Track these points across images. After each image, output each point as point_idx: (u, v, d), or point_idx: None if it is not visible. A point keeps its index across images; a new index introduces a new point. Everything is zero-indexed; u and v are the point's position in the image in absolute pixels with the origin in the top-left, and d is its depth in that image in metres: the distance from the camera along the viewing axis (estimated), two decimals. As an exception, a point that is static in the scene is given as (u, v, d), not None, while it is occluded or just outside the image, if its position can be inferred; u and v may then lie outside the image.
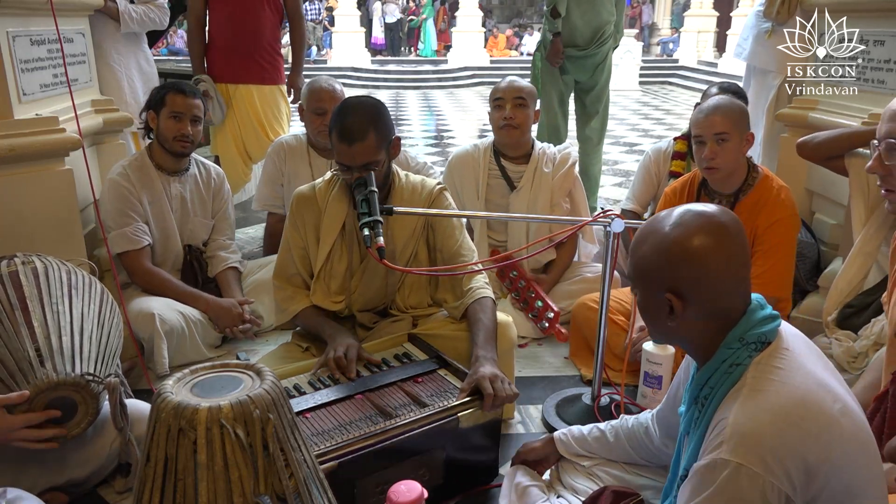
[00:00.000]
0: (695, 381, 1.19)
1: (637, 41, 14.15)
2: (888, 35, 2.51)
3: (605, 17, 3.82)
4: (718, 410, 1.11)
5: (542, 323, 2.58)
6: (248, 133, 3.50)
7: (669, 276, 1.13)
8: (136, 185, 2.48)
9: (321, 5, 17.20)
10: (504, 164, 2.77)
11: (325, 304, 2.01)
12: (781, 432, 1.02)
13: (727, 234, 1.11)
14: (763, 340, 1.12)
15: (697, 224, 1.12)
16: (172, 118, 2.45)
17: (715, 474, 1.04)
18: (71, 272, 1.77)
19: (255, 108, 3.48)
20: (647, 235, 1.18)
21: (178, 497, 0.96)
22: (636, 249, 1.19)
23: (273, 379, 1.04)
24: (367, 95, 2.00)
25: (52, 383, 1.50)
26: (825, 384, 1.09)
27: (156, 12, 3.29)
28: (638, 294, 1.21)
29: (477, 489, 1.76)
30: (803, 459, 1.01)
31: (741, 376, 1.10)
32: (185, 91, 2.48)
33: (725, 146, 2.10)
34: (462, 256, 2.01)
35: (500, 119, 2.66)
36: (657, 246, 1.14)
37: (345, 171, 1.86)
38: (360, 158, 1.80)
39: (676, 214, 1.16)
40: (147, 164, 2.54)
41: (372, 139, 1.80)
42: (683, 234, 1.12)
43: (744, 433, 1.03)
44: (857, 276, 2.16)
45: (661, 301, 1.14)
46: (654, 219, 1.20)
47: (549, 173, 2.73)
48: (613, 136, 7.77)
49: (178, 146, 2.48)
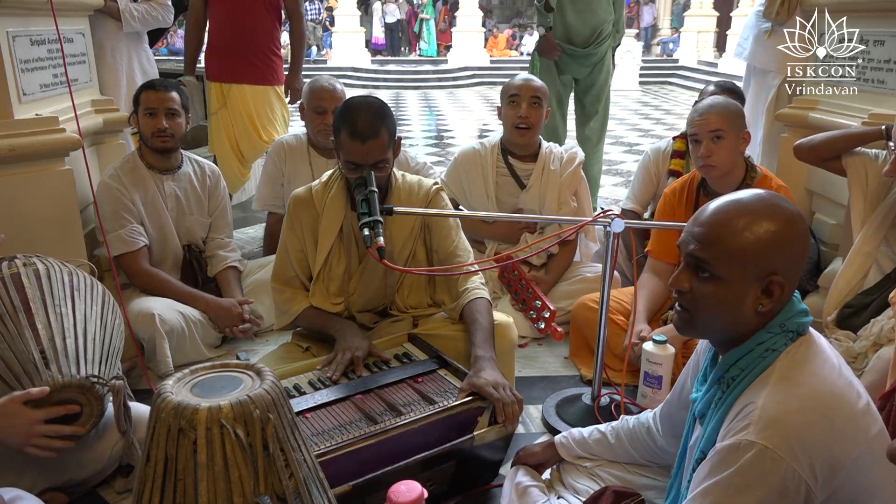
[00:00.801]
0: (722, 362, 1.18)
1: (637, 41, 14.15)
2: (888, 35, 2.51)
3: (602, 15, 3.80)
4: (744, 395, 1.11)
5: (539, 322, 2.58)
6: (241, 133, 3.50)
7: (777, 259, 1.11)
8: (128, 186, 2.48)
9: (321, 5, 17.21)
10: (512, 162, 2.76)
11: (324, 306, 2.01)
12: (810, 421, 1.03)
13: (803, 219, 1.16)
14: (800, 331, 1.14)
15: (787, 206, 1.14)
16: (147, 115, 2.45)
17: (738, 455, 1.04)
18: (72, 273, 1.77)
19: (248, 109, 3.48)
20: (737, 220, 1.12)
21: (178, 497, 0.96)
22: (724, 237, 1.12)
23: (273, 379, 1.04)
24: (370, 95, 2.00)
25: (57, 385, 1.49)
26: (850, 382, 1.11)
27: (158, 10, 3.28)
28: (726, 281, 1.12)
29: (477, 489, 1.76)
30: (829, 451, 1.02)
31: (772, 363, 1.11)
32: (156, 87, 2.48)
33: (721, 143, 2.11)
34: (458, 257, 2.01)
35: (514, 118, 2.63)
36: (763, 229, 1.11)
37: (354, 169, 1.82)
38: (372, 156, 1.79)
39: (758, 198, 1.14)
40: (138, 164, 2.54)
41: (384, 137, 1.79)
42: (785, 217, 1.12)
43: (773, 417, 1.04)
44: (856, 276, 2.16)
45: (758, 286, 1.12)
46: (732, 204, 1.15)
47: (557, 172, 2.73)
48: (613, 136, 7.77)
49: (158, 142, 2.48)
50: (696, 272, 1.15)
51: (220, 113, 3.45)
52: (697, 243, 1.14)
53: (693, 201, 2.30)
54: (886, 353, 1.86)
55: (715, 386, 1.20)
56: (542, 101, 2.65)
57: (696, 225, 1.17)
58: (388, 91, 13.24)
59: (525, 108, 2.61)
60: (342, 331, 1.91)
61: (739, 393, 1.13)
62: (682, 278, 1.17)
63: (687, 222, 1.20)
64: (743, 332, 1.16)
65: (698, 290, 1.15)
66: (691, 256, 1.15)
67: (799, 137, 2.86)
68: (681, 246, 1.19)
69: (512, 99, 2.64)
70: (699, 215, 1.18)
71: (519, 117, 2.62)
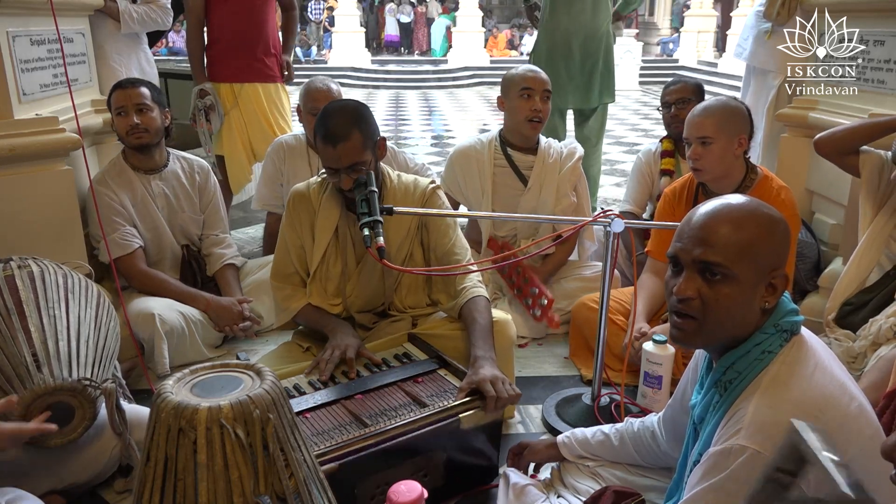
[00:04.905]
0: (718, 365, 1.18)
1: (637, 41, 14.15)
2: (888, 35, 2.51)
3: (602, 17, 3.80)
4: (740, 398, 1.12)
5: (535, 310, 2.57)
6: (255, 131, 3.48)
7: (780, 252, 1.13)
8: (116, 190, 2.48)
9: (322, 5, 17.24)
10: (511, 153, 2.74)
11: (323, 306, 2.01)
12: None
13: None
14: (793, 330, 1.14)
15: (770, 208, 1.17)
16: (119, 115, 2.46)
17: (730, 460, 1.04)
18: (67, 275, 1.76)
19: (261, 106, 3.47)
20: (738, 217, 1.13)
21: (178, 497, 0.96)
22: (730, 235, 1.12)
23: (273, 379, 1.04)
24: (351, 98, 2.00)
25: (49, 388, 1.49)
26: (842, 384, 1.11)
27: (157, 12, 3.27)
28: (739, 280, 1.11)
29: (477, 489, 1.76)
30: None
31: (767, 366, 1.12)
32: (123, 85, 2.48)
33: (709, 149, 2.10)
34: (455, 255, 2.00)
35: (528, 110, 2.60)
36: (767, 226, 1.12)
37: (332, 174, 1.85)
38: (345, 159, 1.79)
39: (745, 199, 1.17)
40: (124, 166, 2.54)
41: (356, 139, 1.79)
42: (777, 213, 1.15)
43: (763, 421, 1.04)
44: (861, 275, 2.16)
45: (763, 283, 1.13)
46: (724, 206, 1.15)
47: (557, 166, 2.72)
48: (613, 136, 7.77)
49: (134, 139, 2.47)
50: (704, 276, 1.13)
51: (232, 113, 3.42)
52: (704, 247, 1.13)
53: (693, 201, 2.30)
54: (886, 353, 1.86)
55: (712, 390, 1.20)
56: (552, 94, 2.65)
57: (695, 230, 1.15)
58: (388, 91, 13.24)
59: (539, 102, 2.60)
60: (334, 329, 1.91)
61: (736, 396, 1.13)
62: (688, 286, 1.14)
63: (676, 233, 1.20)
64: (743, 334, 1.16)
65: (709, 294, 1.13)
66: (698, 262, 1.13)
67: (799, 137, 2.88)
68: (679, 255, 1.17)
69: (526, 92, 2.59)
70: (692, 223, 1.16)
71: (533, 111, 2.59)
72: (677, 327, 1.18)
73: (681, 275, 1.16)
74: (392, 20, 17.99)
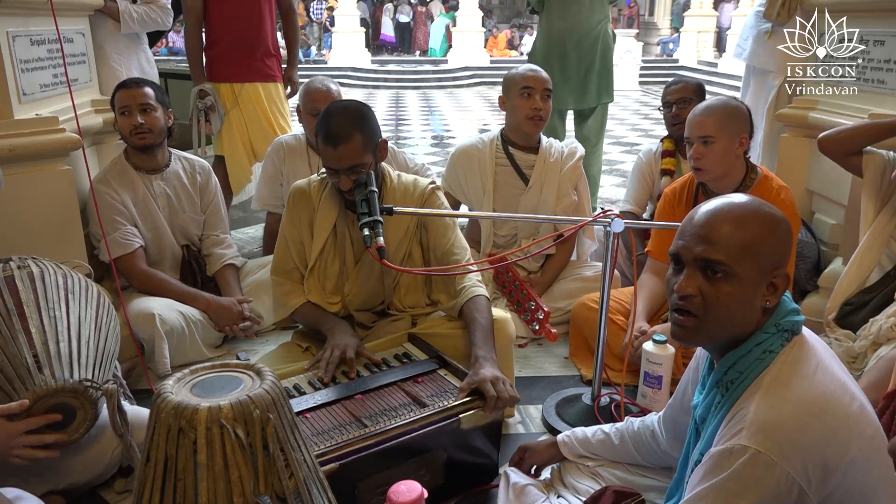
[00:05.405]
0: (720, 365, 1.18)
1: (636, 41, 14.15)
2: (888, 35, 2.51)
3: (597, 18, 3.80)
4: (741, 398, 1.12)
5: (533, 324, 2.58)
6: (256, 131, 3.48)
7: (784, 254, 1.14)
8: (118, 189, 2.48)
9: (322, 5, 17.24)
10: (513, 152, 2.75)
11: (321, 304, 2.01)
12: (803, 424, 1.03)
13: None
14: (794, 330, 1.15)
15: (772, 207, 1.17)
16: (122, 115, 2.45)
17: (731, 460, 1.04)
18: (67, 276, 1.76)
19: (262, 106, 3.47)
20: (740, 215, 1.13)
21: (178, 497, 0.96)
22: (732, 234, 1.12)
23: (273, 379, 1.04)
24: (353, 99, 2.00)
25: (50, 390, 1.49)
26: (843, 383, 1.11)
27: (157, 12, 3.27)
28: (740, 278, 1.11)
29: (477, 489, 1.76)
30: (822, 454, 1.02)
31: (768, 366, 1.12)
32: (127, 85, 2.48)
33: (711, 148, 2.10)
34: (454, 255, 2.00)
35: (529, 109, 2.61)
36: (769, 225, 1.13)
37: (332, 174, 1.86)
38: (346, 161, 1.79)
39: (747, 198, 1.17)
40: (125, 166, 2.54)
41: (357, 141, 1.79)
42: (779, 212, 1.16)
43: (764, 421, 1.04)
44: (861, 275, 2.16)
45: (765, 282, 1.13)
46: (727, 204, 1.16)
47: (558, 165, 2.73)
48: (613, 136, 7.77)
49: (137, 139, 2.47)
50: (705, 274, 1.14)
51: (232, 113, 3.42)
52: (706, 244, 1.13)
53: (693, 201, 2.30)
54: (886, 353, 1.86)
55: (714, 390, 1.20)
56: (552, 93, 2.66)
57: (697, 228, 1.15)
58: (388, 91, 13.23)
59: (539, 100, 2.61)
60: (332, 329, 1.91)
61: (738, 395, 1.13)
62: (689, 283, 1.14)
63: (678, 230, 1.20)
64: (744, 334, 1.16)
65: (710, 292, 1.13)
66: (700, 259, 1.14)
67: (799, 137, 2.88)
68: (681, 252, 1.17)
69: (526, 91, 2.61)
70: (694, 221, 1.16)
71: (533, 109, 2.61)
72: (678, 324, 1.18)
73: (682, 272, 1.17)
74: (388, 20, 17.88)
